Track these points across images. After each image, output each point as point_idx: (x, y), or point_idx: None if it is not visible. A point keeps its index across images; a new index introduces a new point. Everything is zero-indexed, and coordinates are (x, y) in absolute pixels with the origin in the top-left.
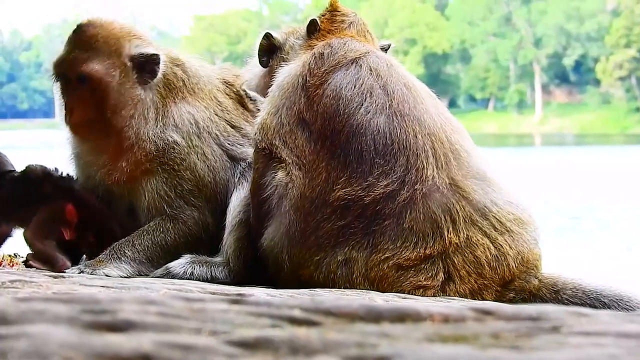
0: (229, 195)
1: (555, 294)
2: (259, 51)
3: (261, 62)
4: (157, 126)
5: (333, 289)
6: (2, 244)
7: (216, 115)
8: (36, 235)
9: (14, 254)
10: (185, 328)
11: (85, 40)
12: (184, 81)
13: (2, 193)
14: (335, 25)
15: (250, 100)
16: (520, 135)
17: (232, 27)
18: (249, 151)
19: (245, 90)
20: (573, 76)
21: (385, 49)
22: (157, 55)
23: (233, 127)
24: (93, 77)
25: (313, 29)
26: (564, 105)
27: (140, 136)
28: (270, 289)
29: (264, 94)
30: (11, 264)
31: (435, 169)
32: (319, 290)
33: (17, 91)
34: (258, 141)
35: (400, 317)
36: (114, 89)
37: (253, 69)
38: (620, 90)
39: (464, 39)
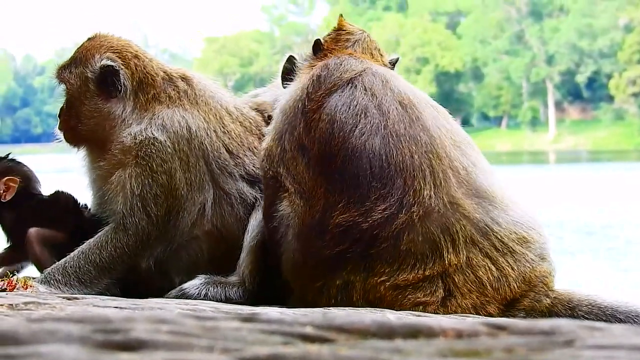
0: (193, 217)
1: (571, 310)
2: (282, 74)
3: (284, 86)
4: (141, 125)
5: (346, 308)
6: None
7: (214, 132)
8: (42, 242)
9: (28, 277)
10: (197, 346)
11: (75, 51)
12: (186, 92)
13: (26, 211)
14: (339, 44)
15: None
16: (534, 152)
17: (244, 48)
18: (234, 184)
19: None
20: (586, 93)
21: (393, 64)
22: (112, 67)
23: (229, 152)
24: (62, 82)
25: (317, 49)
26: (578, 122)
27: (122, 139)
28: (284, 308)
29: None
30: (25, 287)
31: (432, 188)
32: (332, 309)
33: (31, 116)
34: (266, 169)
35: (413, 333)
36: (78, 100)
37: (277, 91)
38: (634, 106)
39: (476, 57)
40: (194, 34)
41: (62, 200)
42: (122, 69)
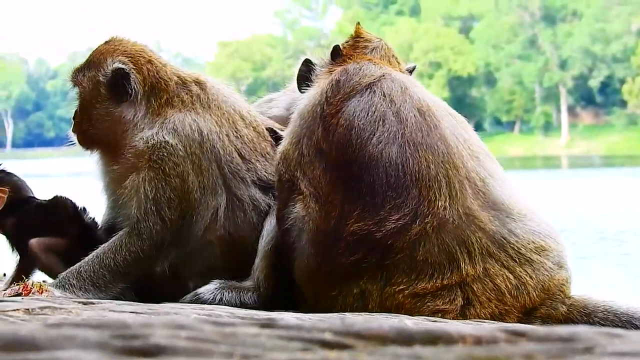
0: (206, 221)
1: (587, 316)
2: (298, 77)
3: (300, 89)
4: (153, 129)
5: (363, 313)
6: (31, 271)
7: (227, 137)
8: (46, 250)
9: (43, 281)
10: (216, 352)
11: (89, 55)
12: (199, 96)
13: (24, 218)
14: (357, 50)
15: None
16: (547, 157)
17: (257, 53)
18: (247, 190)
19: (273, 129)
20: (599, 98)
21: (410, 72)
22: (123, 70)
23: (241, 156)
24: (75, 85)
25: (336, 55)
26: (590, 127)
27: (134, 143)
28: (300, 314)
29: None
30: (40, 291)
31: (448, 199)
32: (348, 314)
33: (43, 120)
34: (282, 172)
35: (432, 339)
36: (89, 103)
37: (293, 94)
38: None
39: (489, 62)
40: (206, 37)
41: (61, 205)
42: (133, 72)
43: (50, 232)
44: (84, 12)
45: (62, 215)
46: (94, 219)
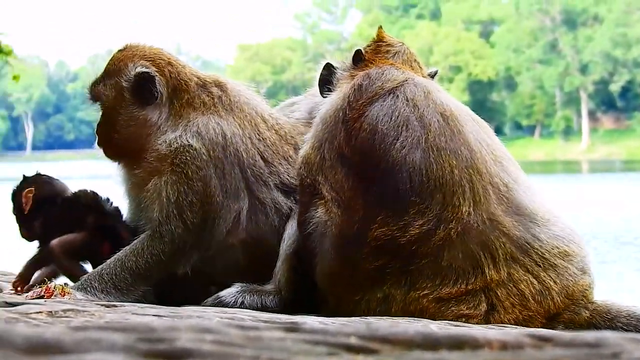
0: (228, 225)
1: (609, 321)
2: (319, 82)
3: (322, 93)
4: (176, 132)
5: (386, 317)
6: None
7: (250, 139)
8: (66, 253)
9: (65, 284)
10: (242, 356)
11: (107, 64)
12: (220, 98)
13: (50, 217)
14: (380, 55)
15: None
16: (567, 162)
17: (277, 56)
18: (269, 193)
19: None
20: (620, 102)
21: (432, 76)
22: (148, 73)
23: (264, 160)
24: (97, 100)
25: (358, 59)
26: (611, 132)
27: (157, 146)
28: (322, 317)
29: None
30: (62, 293)
31: (472, 204)
32: (370, 318)
33: (63, 122)
34: (303, 176)
35: (458, 344)
36: (113, 110)
37: (314, 98)
38: None
39: (509, 66)
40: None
41: (82, 198)
42: (156, 75)
43: (73, 226)
44: (104, 15)
45: (83, 206)
46: (117, 208)
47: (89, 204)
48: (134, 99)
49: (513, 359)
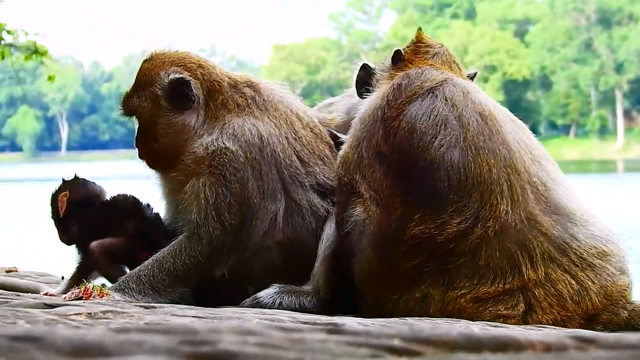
0: (265, 226)
1: None
2: (356, 83)
3: (359, 94)
4: (213, 134)
5: (423, 318)
6: (90, 274)
7: (286, 139)
8: (105, 256)
9: (103, 285)
10: (285, 358)
11: (135, 78)
12: (253, 99)
13: (88, 220)
14: (419, 55)
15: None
16: (602, 161)
17: (311, 56)
18: (305, 194)
19: (333, 133)
20: None
21: (471, 78)
22: (183, 78)
23: (300, 160)
24: (133, 113)
25: (397, 59)
26: None
27: (194, 149)
28: (361, 318)
29: None
30: (100, 295)
31: (510, 203)
32: (410, 319)
33: (98, 122)
34: (341, 175)
35: (501, 346)
36: (151, 120)
37: (352, 99)
38: None
39: (544, 65)
40: (261, 41)
41: (122, 203)
42: (191, 79)
43: (112, 231)
44: (139, 16)
45: (122, 213)
46: (158, 214)
47: (129, 209)
48: (171, 105)
49: None
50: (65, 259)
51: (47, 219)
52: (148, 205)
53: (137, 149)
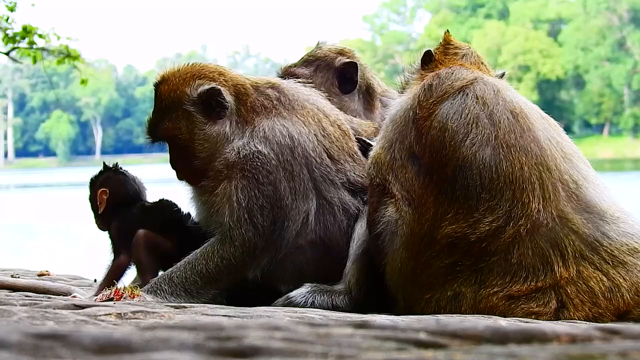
0: (297, 227)
1: None
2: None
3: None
4: (244, 138)
5: (455, 315)
6: (121, 275)
7: (315, 136)
8: (147, 246)
9: (135, 286)
10: (311, 353)
11: (157, 103)
12: (279, 99)
13: (127, 219)
14: (448, 57)
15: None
16: (636, 159)
17: None
18: (336, 193)
19: (363, 140)
20: None
21: (500, 78)
22: (213, 88)
23: (330, 157)
24: (168, 137)
25: (427, 60)
26: None
27: (225, 154)
28: (393, 316)
29: None
30: (132, 295)
31: (541, 201)
32: (440, 316)
33: (132, 126)
34: (373, 176)
35: (527, 338)
36: (189, 138)
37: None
38: None
39: (577, 64)
40: (295, 42)
41: (165, 207)
42: (220, 87)
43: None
44: (172, 19)
45: (165, 217)
46: (197, 223)
47: (172, 215)
48: (207, 118)
49: (582, 351)
50: (98, 263)
51: (80, 224)
52: (188, 214)
53: (175, 172)
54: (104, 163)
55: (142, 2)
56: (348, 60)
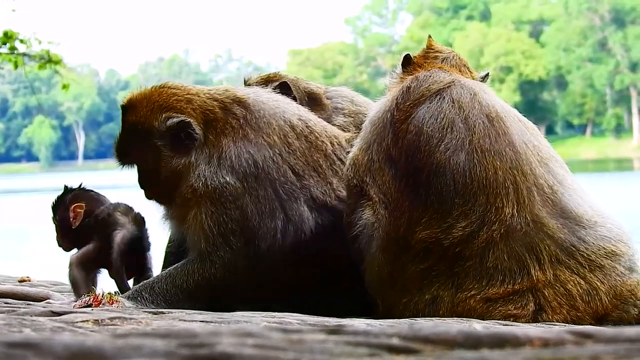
0: (267, 244)
1: None
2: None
3: None
4: (211, 166)
5: (433, 318)
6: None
7: (280, 156)
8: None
9: (114, 292)
10: (283, 359)
11: (124, 129)
12: (245, 118)
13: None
14: (428, 60)
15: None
16: (619, 159)
17: (328, 60)
18: (298, 208)
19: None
20: None
21: (483, 79)
22: (182, 121)
23: (295, 174)
24: (134, 162)
25: (406, 64)
26: None
27: (194, 182)
28: (371, 320)
29: None
30: (111, 302)
31: (515, 206)
32: (416, 320)
33: (115, 130)
34: (350, 177)
35: (499, 342)
36: (155, 169)
37: None
38: None
39: (559, 65)
40: (278, 46)
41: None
42: (188, 118)
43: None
44: (155, 23)
45: (113, 222)
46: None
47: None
48: (174, 151)
49: (554, 355)
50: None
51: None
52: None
53: (143, 190)
54: (65, 185)
55: (124, 6)
56: (277, 82)
